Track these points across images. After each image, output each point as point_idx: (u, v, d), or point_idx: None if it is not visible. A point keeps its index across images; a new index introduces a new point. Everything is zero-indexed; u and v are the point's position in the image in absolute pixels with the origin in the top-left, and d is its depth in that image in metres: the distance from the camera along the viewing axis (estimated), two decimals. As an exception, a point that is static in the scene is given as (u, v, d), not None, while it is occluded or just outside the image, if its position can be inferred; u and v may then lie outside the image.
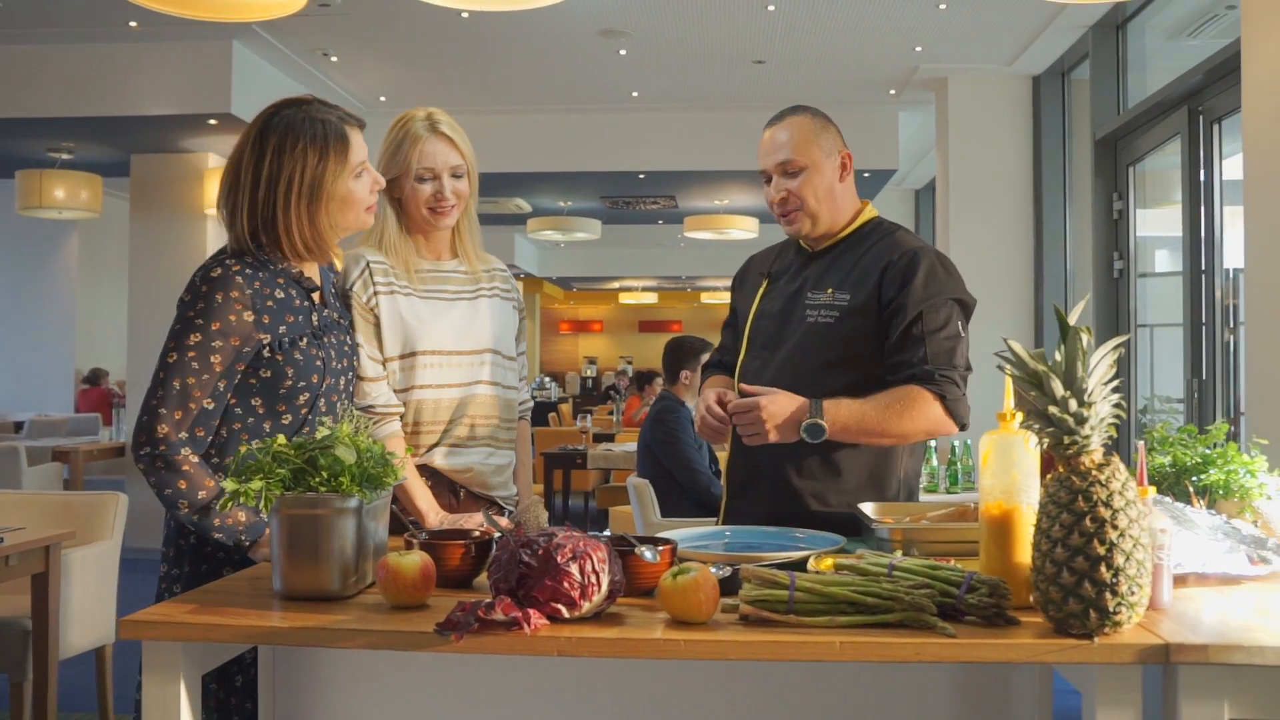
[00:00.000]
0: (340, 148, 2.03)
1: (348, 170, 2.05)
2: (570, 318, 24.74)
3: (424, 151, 2.27)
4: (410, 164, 2.26)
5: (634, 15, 6.18)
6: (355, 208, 2.09)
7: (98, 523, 3.88)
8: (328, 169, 2.02)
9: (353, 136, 2.06)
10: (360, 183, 2.08)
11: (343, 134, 2.04)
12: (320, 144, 2.01)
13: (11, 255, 10.85)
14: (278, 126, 2.02)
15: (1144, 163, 5.80)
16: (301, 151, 2.00)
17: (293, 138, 2.01)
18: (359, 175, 2.08)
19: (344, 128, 2.04)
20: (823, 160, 2.33)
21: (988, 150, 7.00)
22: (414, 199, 2.29)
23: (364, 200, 2.10)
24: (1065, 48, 6.46)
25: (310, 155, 2.00)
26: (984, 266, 6.90)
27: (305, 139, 2.01)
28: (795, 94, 7.45)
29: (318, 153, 2.01)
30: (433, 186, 2.29)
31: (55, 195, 7.47)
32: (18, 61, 6.62)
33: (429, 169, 2.27)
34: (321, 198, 2.03)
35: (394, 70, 7.34)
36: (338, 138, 2.03)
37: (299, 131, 2.01)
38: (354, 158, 2.06)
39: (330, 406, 2.10)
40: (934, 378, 2.17)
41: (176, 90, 6.59)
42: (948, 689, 1.78)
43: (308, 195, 2.02)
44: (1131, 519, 1.39)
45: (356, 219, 2.11)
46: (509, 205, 10.74)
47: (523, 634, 1.42)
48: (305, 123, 2.02)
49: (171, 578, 2.03)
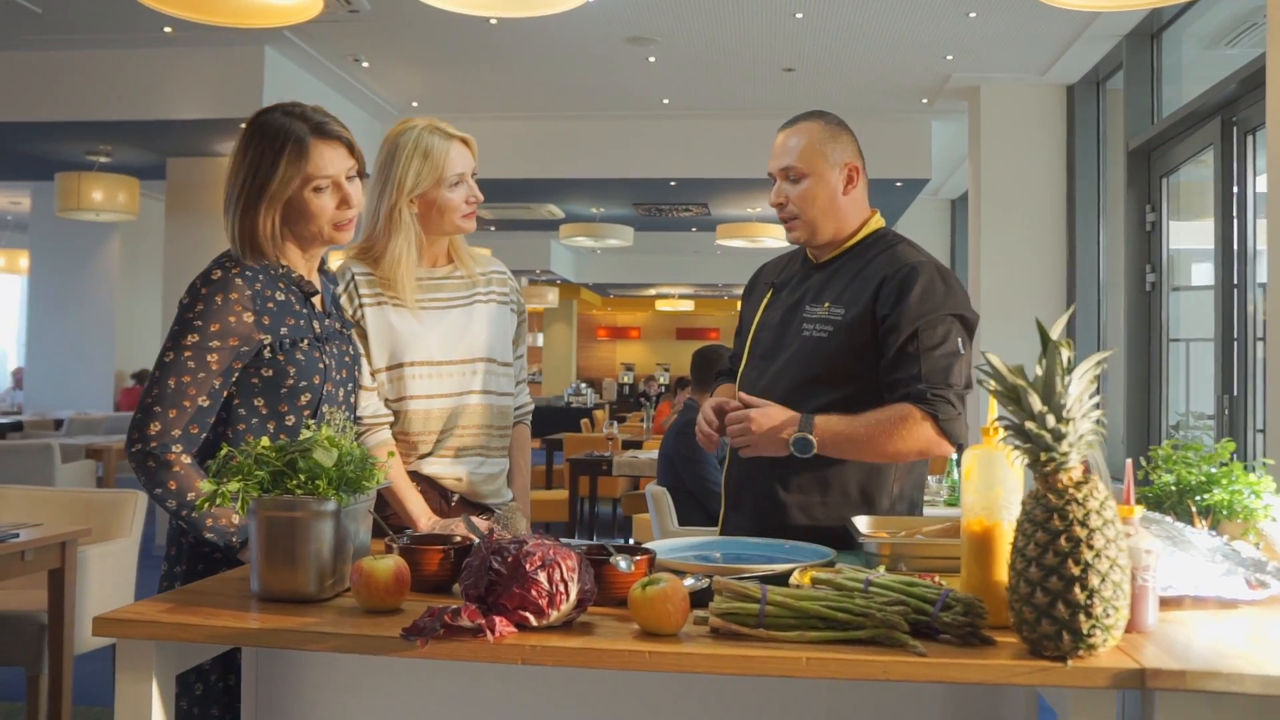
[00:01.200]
0: (295, 155, 1.98)
1: (299, 178, 1.99)
2: (608, 324, 24.79)
3: (451, 159, 2.28)
4: (443, 173, 2.27)
5: (661, 22, 6.18)
6: (315, 219, 2.03)
7: (117, 520, 3.93)
8: (276, 174, 1.98)
9: (317, 148, 2.00)
10: (321, 197, 2.02)
11: (301, 141, 1.98)
12: (274, 149, 1.98)
13: (55, 256, 11.04)
14: (253, 131, 2.02)
15: (1178, 174, 5.71)
16: (257, 155, 1.99)
17: (254, 141, 2.00)
18: (319, 189, 2.02)
19: (307, 137, 1.99)
20: (826, 170, 2.29)
21: (1020, 160, 6.92)
22: (447, 206, 2.29)
23: (325, 214, 2.03)
24: (1099, 57, 6.37)
25: (264, 157, 1.98)
26: (1016, 278, 6.83)
27: (262, 144, 1.99)
28: (826, 102, 7.41)
29: (270, 156, 1.98)
30: (464, 191, 2.31)
31: (93, 198, 7.59)
32: (56, 67, 6.74)
33: (459, 174, 2.29)
34: (262, 201, 1.99)
35: (425, 76, 7.39)
36: (295, 144, 1.98)
37: (261, 135, 2.00)
38: (311, 167, 2.00)
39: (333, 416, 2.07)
40: (927, 397, 2.12)
41: (210, 94, 6.68)
42: (934, 707, 1.75)
43: (252, 197, 1.99)
44: (1109, 539, 1.35)
45: (320, 233, 2.05)
46: (541, 211, 10.78)
47: (487, 641, 1.41)
48: (267, 128, 2.00)
49: (173, 575, 2.05)
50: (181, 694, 1.93)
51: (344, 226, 2.07)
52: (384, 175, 2.27)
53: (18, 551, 3.25)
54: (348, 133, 2.06)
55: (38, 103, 6.81)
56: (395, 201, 2.25)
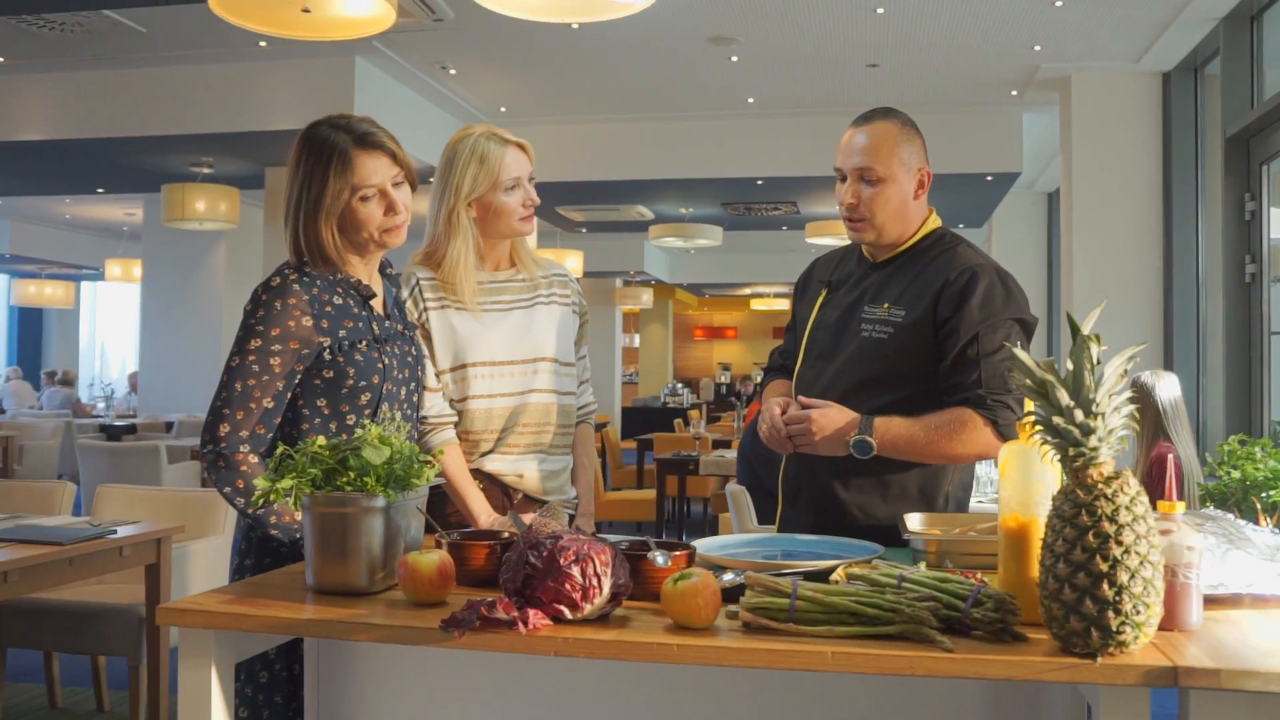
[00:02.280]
0: (340, 168, 2.06)
1: (347, 189, 2.07)
2: (705, 324, 24.77)
3: (506, 163, 2.34)
4: (499, 177, 2.33)
5: (742, 22, 6.18)
6: (364, 227, 2.11)
7: (212, 518, 4.10)
8: (327, 187, 2.06)
9: (360, 158, 2.07)
10: (368, 205, 2.10)
11: (345, 154, 2.06)
12: (323, 163, 2.07)
13: (166, 264, 11.48)
14: (302, 145, 2.11)
15: (1279, 161, 5.49)
16: (308, 169, 2.08)
17: (305, 156, 2.09)
18: (366, 198, 2.09)
19: (350, 149, 2.06)
20: (902, 174, 2.26)
21: (1115, 151, 6.74)
22: (504, 210, 2.35)
23: (373, 221, 2.11)
24: (1196, 42, 6.17)
25: (315, 172, 2.07)
26: (1110, 272, 6.65)
27: (311, 158, 2.08)
28: (912, 96, 7.34)
29: (320, 170, 2.07)
30: (520, 195, 2.36)
31: (197, 208, 7.89)
32: (159, 83, 7.04)
33: (514, 178, 2.34)
34: (320, 214, 2.07)
35: (511, 81, 7.51)
36: (339, 157, 2.06)
37: (309, 150, 2.09)
38: (357, 178, 2.07)
39: (392, 415, 2.12)
40: (986, 402, 2.12)
41: (304, 105, 6.90)
42: (974, 707, 1.73)
43: (310, 211, 2.09)
44: (1139, 535, 1.33)
45: (372, 238, 2.13)
46: (631, 213, 10.84)
47: (521, 633, 1.45)
48: (314, 142, 2.09)
49: (244, 568, 2.14)
50: (247, 680, 2.02)
51: (393, 231, 2.14)
52: (443, 181, 2.34)
53: (116, 547, 3.42)
54: (392, 141, 2.13)
55: (144, 118, 7.12)
56: (454, 206, 2.32)
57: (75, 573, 3.34)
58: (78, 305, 17.44)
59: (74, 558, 3.28)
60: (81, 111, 7.29)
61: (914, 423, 2.13)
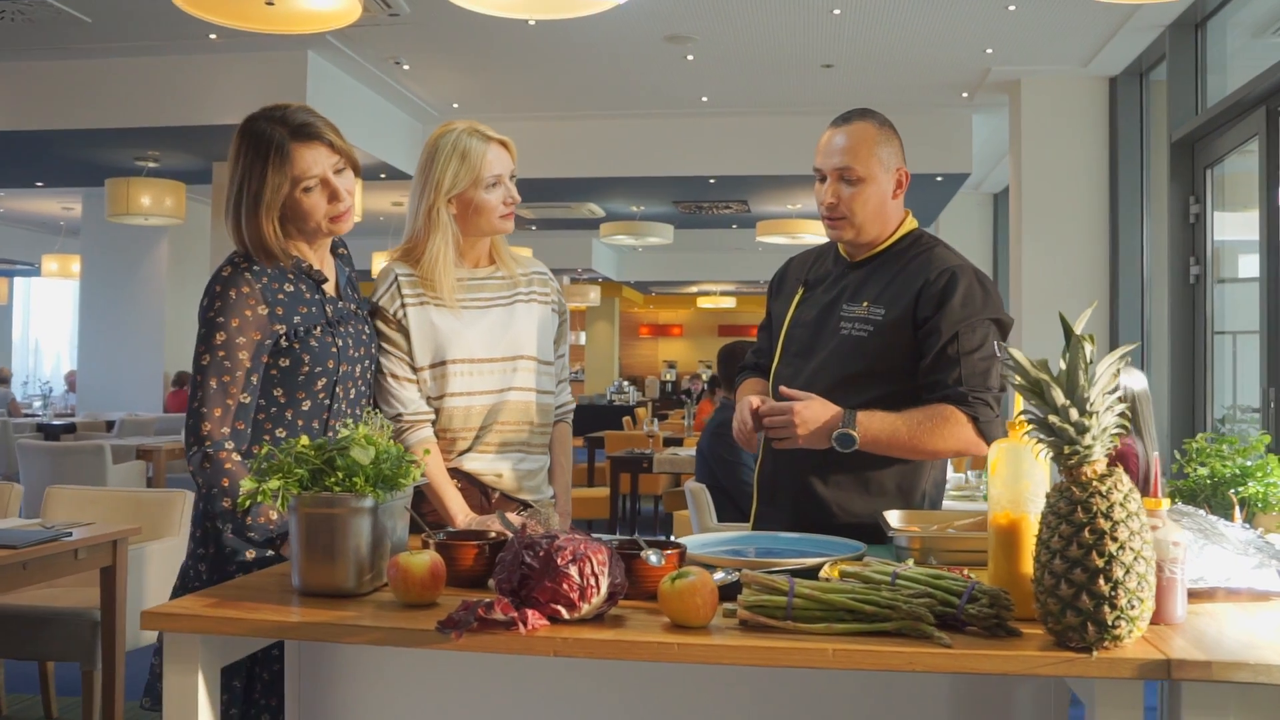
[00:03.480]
0: (278, 162, 2.06)
1: (287, 183, 2.07)
2: (650, 322, 24.81)
3: (488, 160, 2.32)
4: (481, 174, 2.31)
5: (699, 21, 6.20)
6: (310, 217, 2.12)
7: (166, 519, 4.02)
8: (266, 182, 2.06)
9: (298, 151, 2.07)
10: (312, 196, 2.10)
11: (282, 147, 2.06)
12: (261, 158, 2.06)
13: (106, 260, 11.25)
14: (240, 140, 2.11)
15: (1223, 165, 5.63)
16: (247, 164, 2.08)
17: (243, 150, 2.09)
18: (308, 189, 2.10)
19: (287, 143, 2.06)
20: (880, 174, 2.29)
21: (1062, 153, 6.86)
22: (485, 207, 2.33)
23: (319, 211, 2.12)
24: (1142, 48, 6.31)
25: (254, 167, 2.07)
26: (1057, 272, 6.77)
27: (250, 153, 2.08)
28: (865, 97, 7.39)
29: (259, 166, 2.06)
30: (502, 192, 2.34)
31: (142, 202, 7.74)
32: (104, 74, 6.89)
33: (496, 175, 2.33)
34: (260, 209, 2.07)
35: (466, 77, 7.46)
36: (276, 151, 2.06)
37: (247, 144, 2.09)
38: (297, 170, 2.07)
39: (347, 393, 2.19)
40: (967, 399, 2.15)
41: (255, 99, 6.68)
42: (953, 698, 1.76)
43: (251, 206, 2.08)
44: (1133, 531, 1.36)
45: (319, 228, 2.14)
46: (582, 210, 10.83)
47: (519, 633, 1.44)
48: (251, 136, 2.09)
49: (197, 556, 2.13)
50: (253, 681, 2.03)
51: (339, 219, 2.16)
52: (424, 176, 2.32)
53: (71, 550, 3.34)
54: (330, 130, 2.13)
55: (88, 110, 6.97)
56: (434, 202, 2.30)
57: (28, 577, 3.26)
58: (11, 301, 17.02)
59: (28, 561, 3.20)
60: (23, 103, 7.11)
61: (896, 417, 2.15)
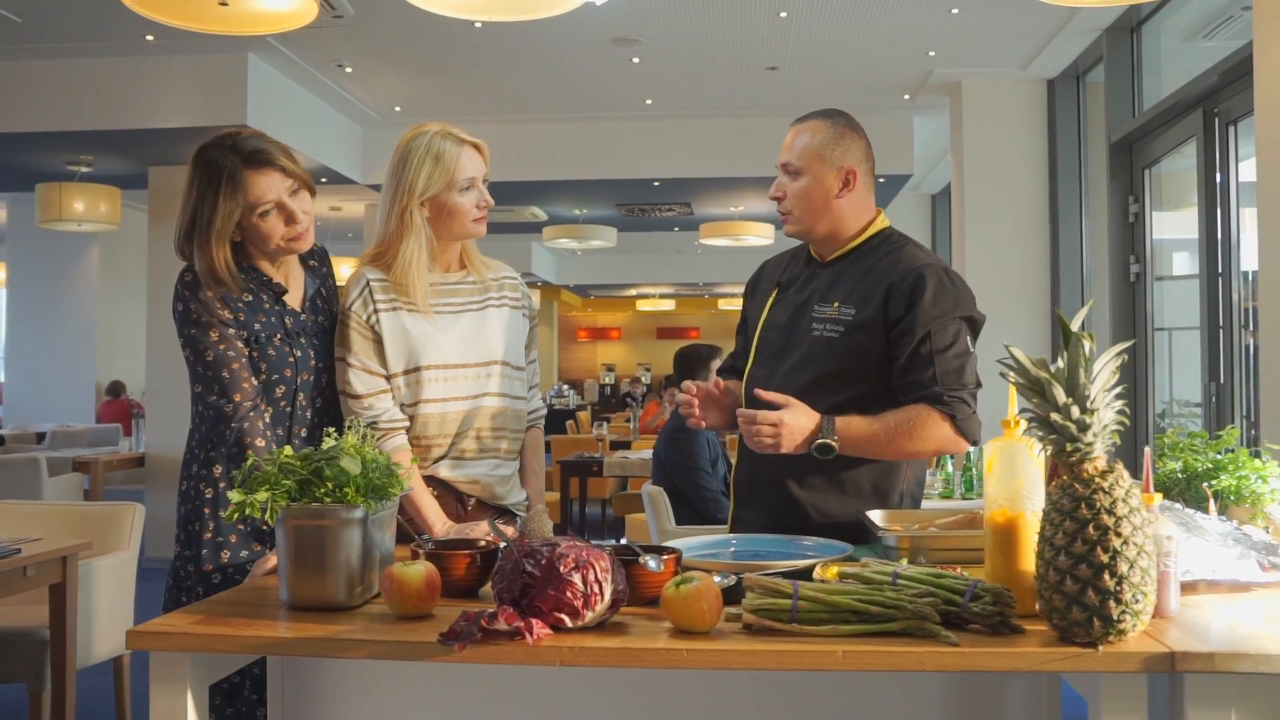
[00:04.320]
0: (230, 190, 2.11)
1: (239, 209, 2.13)
2: (588, 325, 24.78)
3: (462, 163, 2.29)
4: (454, 177, 2.28)
5: (646, 23, 6.19)
6: (268, 241, 2.18)
7: (115, 533, 3.91)
8: (218, 209, 2.11)
9: (251, 179, 2.13)
10: (268, 220, 2.16)
11: (234, 176, 2.12)
12: (212, 186, 2.12)
13: (34, 267, 10.93)
14: (194, 169, 2.16)
15: (1160, 165, 5.77)
16: (200, 192, 2.14)
17: (195, 179, 2.15)
18: (264, 214, 2.15)
19: (240, 170, 2.12)
20: (823, 171, 2.30)
21: (1002, 154, 6.97)
22: (458, 210, 2.30)
23: (276, 234, 2.18)
24: (1079, 51, 6.43)
25: (206, 196, 2.13)
26: (999, 272, 6.88)
27: (202, 181, 2.14)
28: (809, 99, 7.45)
29: (210, 194, 2.12)
30: (475, 195, 2.31)
31: (75, 208, 7.53)
32: (37, 75, 6.69)
33: (470, 178, 2.30)
34: (211, 237, 2.12)
35: (409, 80, 7.38)
36: (228, 180, 2.11)
37: (200, 173, 2.15)
38: (251, 197, 2.13)
39: (313, 402, 2.24)
40: (943, 398, 2.16)
41: (192, 102, 6.64)
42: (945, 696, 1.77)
43: (203, 233, 2.13)
44: (1135, 526, 1.38)
45: (278, 249, 2.20)
46: (524, 214, 10.77)
47: (525, 644, 1.42)
48: (204, 165, 2.14)
49: (184, 558, 2.15)
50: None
51: (297, 239, 2.21)
52: (396, 179, 2.28)
53: (20, 567, 3.22)
54: (283, 155, 2.19)
55: (17, 112, 6.75)
56: (406, 205, 2.26)
57: (-26, 595, 3.15)
58: (-69, 311, 16.48)
59: (-26, 579, 3.09)
60: (-51, 106, 6.88)
61: (873, 421, 2.16)
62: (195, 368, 2.12)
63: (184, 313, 2.13)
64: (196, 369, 2.12)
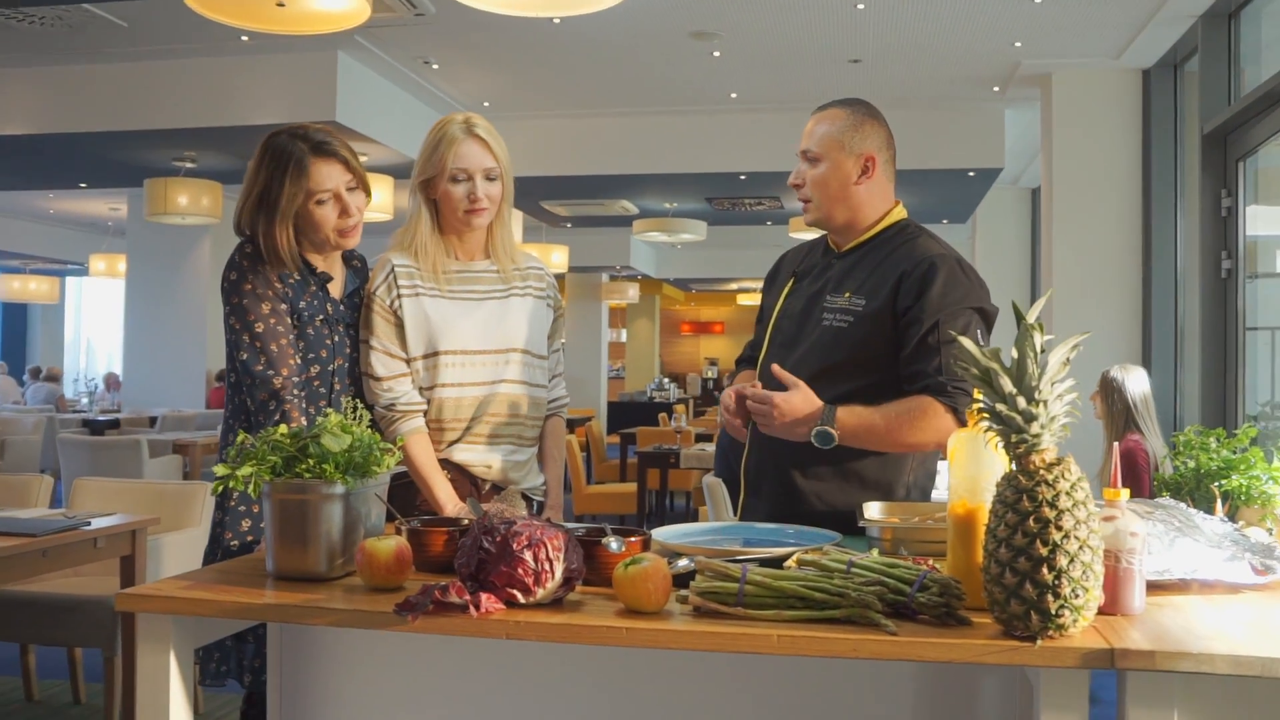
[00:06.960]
0: (296, 174, 2.23)
1: (302, 193, 2.24)
2: (692, 319, 24.78)
3: (458, 153, 2.34)
4: (445, 165, 2.34)
5: (723, 17, 6.20)
6: (320, 228, 2.29)
7: (188, 510, 4.10)
8: (283, 191, 2.23)
9: (315, 165, 2.24)
10: (323, 208, 2.27)
11: (301, 161, 2.23)
12: (280, 169, 2.23)
13: (150, 259, 11.44)
14: (263, 152, 2.27)
15: (1256, 157, 5.53)
16: (268, 174, 2.25)
17: (264, 161, 2.25)
18: (321, 201, 2.26)
19: (306, 157, 2.23)
20: (842, 158, 2.30)
21: (1095, 148, 6.78)
22: (448, 200, 2.36)
23: (328, 223, 2.28)
24: (1175, 39, 6.21)
25: (273, 178, 2.24)
26: (1091, 267, 6.69)
27: (270, 164, 2.24)
28: (894, 92, 7.37)
29: (279, 176, 2.23)
30: (466, 188, 2.36)
31: (179, 202, 7.87)
32: (141, 77, 7.03)
33: (463, 170, 2.34)
34: (276, 217, 2.24)
35: (494, 76, 7.52)
36: (295, 164, 2.23)
37: (269, 156, 2.25)
38: (312, 184, 2.24)
39: (345, 389, 2.32)
40: (947, 389, 2.13)
41: (286, 99, 6.89)
42: (917, 688, 1.76)
43: (268, 213, 2.25)
44: (1079, 520, 1.36)
45: (327, 240, 2.31)
46: (615, 207, 10.85)
47: (473, 616, 1.47)
48: (273, 149, 2.25)
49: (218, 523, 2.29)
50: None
51: (348, 234, 2.32)
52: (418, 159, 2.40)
53: (90, 539, 3.42)
54: (346, 150, 2.30)
55: (125, 112, 7.11)
56: (413, 184, 2.41)
57: (49, 564, 3.35)
58: (63, 300, 17.37)
59: (48, 549, 3.29)
60: (62, 106, 7.27)
61: (874, 411, 2.15)
62: (242, 336, 2.21)
63: (237, 281, 2.24)
64: (243, 338, 2.21)
